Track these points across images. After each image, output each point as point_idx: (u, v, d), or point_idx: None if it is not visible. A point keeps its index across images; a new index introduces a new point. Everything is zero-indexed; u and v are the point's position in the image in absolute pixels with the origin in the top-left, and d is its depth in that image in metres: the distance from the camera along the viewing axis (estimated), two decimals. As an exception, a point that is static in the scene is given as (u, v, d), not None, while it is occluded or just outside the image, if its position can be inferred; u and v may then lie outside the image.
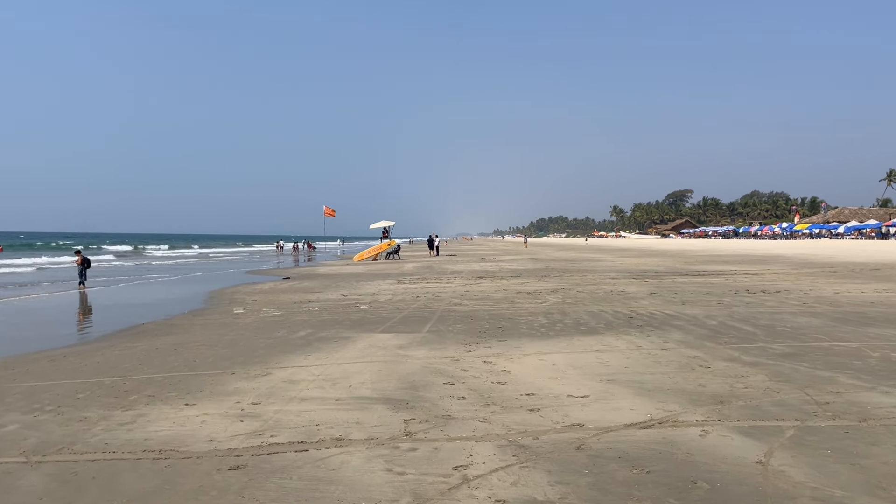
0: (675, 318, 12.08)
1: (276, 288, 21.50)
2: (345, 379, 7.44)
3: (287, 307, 15.38)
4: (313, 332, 11.31)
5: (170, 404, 6.51)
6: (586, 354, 8.65)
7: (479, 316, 12.96)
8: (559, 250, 63.23)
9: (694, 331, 10.57)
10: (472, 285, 20.57)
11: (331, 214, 48.02)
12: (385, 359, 8.61)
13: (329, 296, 18.07)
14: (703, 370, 7.58)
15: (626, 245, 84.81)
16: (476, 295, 17.29)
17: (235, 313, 14.53)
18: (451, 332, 10.91)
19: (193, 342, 10.47)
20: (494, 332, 10.70)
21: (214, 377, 7.72)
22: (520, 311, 13.67)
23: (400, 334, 10.76)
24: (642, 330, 10.74)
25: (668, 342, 9.52)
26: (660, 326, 11.10)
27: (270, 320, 13.05)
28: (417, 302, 15.81)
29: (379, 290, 19.64)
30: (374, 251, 43.79)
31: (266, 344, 10.11)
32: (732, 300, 15.11)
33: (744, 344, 9.27)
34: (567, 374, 7.51)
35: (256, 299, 17.60)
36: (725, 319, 11.86)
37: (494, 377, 7.37)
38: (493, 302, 15.51)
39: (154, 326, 12.72)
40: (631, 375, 7.36)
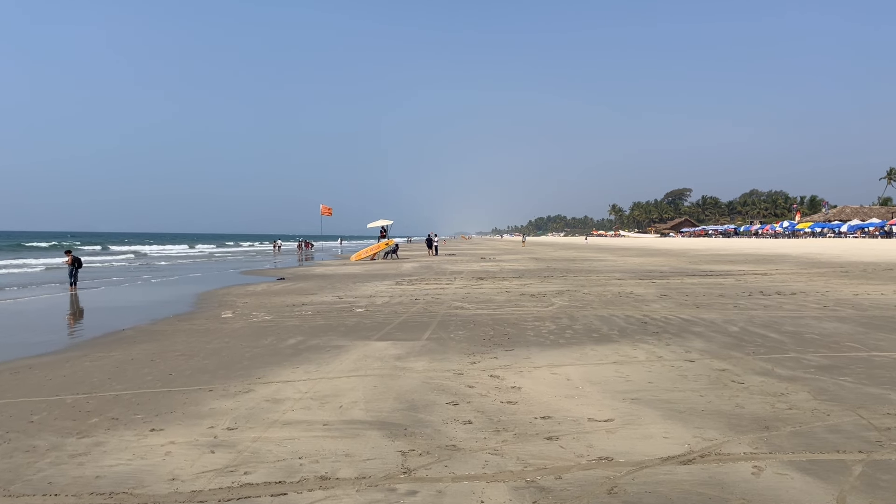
0: (692, 324, 11.27)
1: (269, 289, 20.67)
2: (335, 397, 6.62)
3: (278, 311, 14.55)
4: (304, 339, 10.48)
5: (133, 429, 5.69)
6: (603, 367, 7.84)
7: (482, 321, 12.14)
8: (559, 249, 62.43)
9: (715, 338, 9.76)
10: (472, 287, 19.76)
11: (328, 213, 47.16)
12: (381, 372, 7.79)
13: (324, 298, 17.25)
14: (736, 386, 6.77)
15: (627, 244, 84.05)
16: (478, 297, 16.47)
17: (223, 318, 13.70)
18: (452, 339, 10.09)
19: (173, 351, 9.64)
20: (500, 340, 9.88)
21: (189, 395, 6.90)
22: (525, 315, 12.86)
23: (398, 342, 9.94)
24: (660, 337, 9.93)
25: (690, 352, 8.71)
26: (678, 333, 10.29)
27: (259, 326, 12.22)
28: (416, 305, 15.00)
29: (376, 291, 18.82)
30: (371, 251, 42.96)
31: (251, 354, 9.28)
32: (748, 303, 14.30)
33: (774, 354, 8.47)
34: (585, 391, 6.70)
35: (247, 302, 16.77)
36: (746, 325, 11.06)
37: (503, 395, 6.56)
38: (496, 305, 14.69)
39: (134, 332, 11.88)
40: (657, 393, 6.55)
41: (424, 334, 10.67)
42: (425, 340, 10.06)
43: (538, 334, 10.44)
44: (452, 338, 10.25)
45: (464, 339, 10.05)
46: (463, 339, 10.06)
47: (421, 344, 9.75)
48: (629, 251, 53.12)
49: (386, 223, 44.85)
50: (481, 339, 10.10)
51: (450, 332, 10.90)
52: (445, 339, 10.09)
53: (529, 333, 10.55)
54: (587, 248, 63.74)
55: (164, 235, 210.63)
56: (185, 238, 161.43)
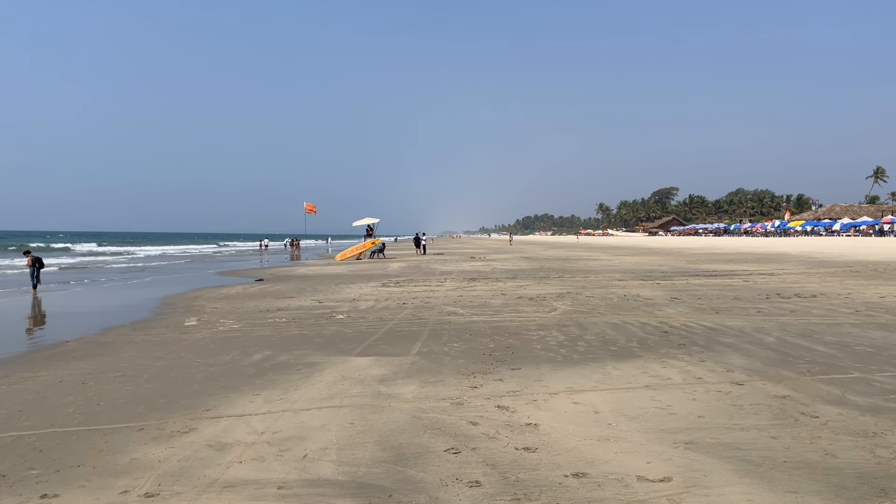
0: (719, 334, 9.86)
1: (243, 292, 19.06)
2: (299, 441, 5.10)
3: (249, 318, 12.98)
4: (272, 354, 8.94)
5: (17, 495, 4.15)
6: (635, 393, 6.37)
7: (479, 329, 10.66)
8: (550, 248, 61.11)
9: (754, 352, 8.34)
10: (465, 289, 18.27)
11: (311, 211, 45.49)
12: (361, 401, 6.27)
13: (302, 302, 15.68)
14: (811, 422, 5.34)
15: (617, 243, 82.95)
16: (471, 301, 14.99)
17: (185, 326, 12.11)
18: (447, 354, 8.59)
19: (113, 371, 8.07)
20: (503, 356, 8.39)
21: (112, 436, 5.35)
22: (527, 322, 11.39)
23: (382, 358, 8.43)
24: (689, 351, 8.50)
25: (732, 371, 7.27)
26: (708, 346, 8.86)
27: (224, 337, 10.66)
28: (404, 310, 13.48)
29: (360, 294, 17.28)
30: (357, 250, 41.35)
31: (206, 374, 7.73)
32: (771, 307, 12.93)
33: (834, 373, 7.05)
34: (621, 429, 5.23)
35: (217, 307, 15.17)
36: (782, 335, 9.66)
37: (518, 437, 5.07)
38: (492, 310, 13.21)
39: (78, 345, 10.28)
40: (716, 433, 5.09)
41: (414, 347, 9.16)
42: (415, 356, 8.55)
43: (546, 347, 8.96)
44: (447, 352, 8.75)
45: (460, 354, 8.56)
46: (459, 354, 8.56)
47: (410, 360, 8.24)
48: (622, 250, 51.87)
49: (372, 221, 43.25)
50: (481, 353, 8.61)
51: (443, 343, 9.41)
52: (439, 354, 8.58)
53: (536, 346, 9.07)
54: (579, 248, 62.46)
55: (152, 235, 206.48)
56: (175, 237, 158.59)
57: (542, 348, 8.88)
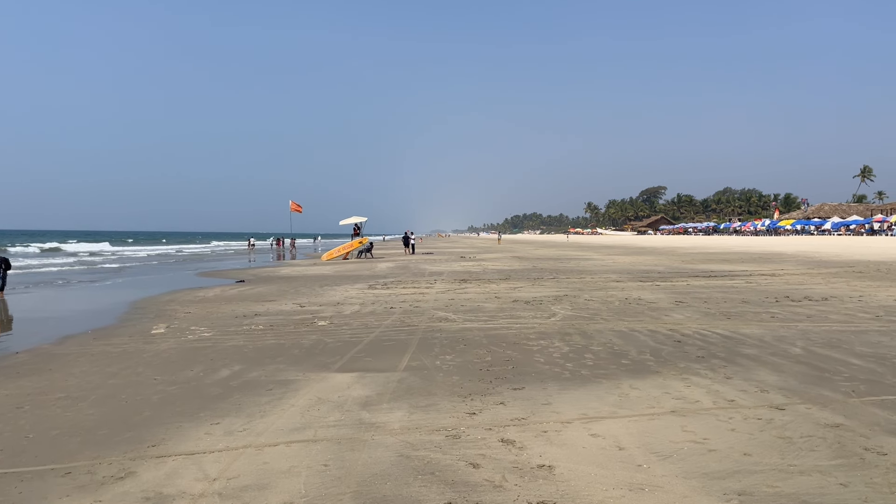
0: (738, 343, 8.97)
1: (221, 295, 18.00)
2: (260, 492, 4.12)
3: (223, 324, 11.96)
4: (242, 369, 7.94)
5: None
6: (661, 421, 5.44)
7: (473, 339, 9.71)
8: (540, 248, 60.28)
9: (784, 366, 7.45)
10: (456, 291, 17.31)
11: (297, 210, 44.35)
12: (339, 433, 5.29)
13: (282, 306, 14.66)
14: (880, 460, 4.43)
15: (608, 242, 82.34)
16: (464, 305, 14.03)
17: (152, 334, 11.07)
18: (439, 369, 7.63)
19: (58, 391, 7.04)
20: (503, 371, 7.44)
21: (29, 484, 4.35)
22: (525, 329, 10.45)
23: (366, 374, 7.45)
24: (710, 365, 7.59)
25: (767, 391, 6.36)
26: (730, 358, 7.95)
27: (192, 347, 9.64)
28: (391, 316, 12.50)
29: (345, 297, 16.28)
30: (344, 249, 40.28)
31: (163, 396, 6.72)
32: (784, 312, 12.08)
33: (885, 394, 6.16)
34: (654, 472, 4.29)
35: (190, 312, 14.12)
36: (808, 345, 8.78)
37: (529, 484, 4.12)
38: (487, 315, 12.26)
39: (28, 357, 9.21)
40: (770, 478, 4.16)
41: (402, 361, 8.19)
42: (403, 371, 7.58)
43: (550, 360, 8.02)
44: (439, 366, 7.79)
45: (454, 369, 7.60)
46: (453, 369, 7.60)
47: (397, 377, 7.27)
48: (614, 249, 51.13)
49: (359, 220, 42.17)
50: (477, 367, 7.65)
51: (435, 356, 8.45)
52: (430, 370, 7.62)
53: (538, 359, 8.13)
54: (569, 247, 61.67)
55: (142, 233, 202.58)
56: (168, 236, 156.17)
57: (546, 362, 7.94)
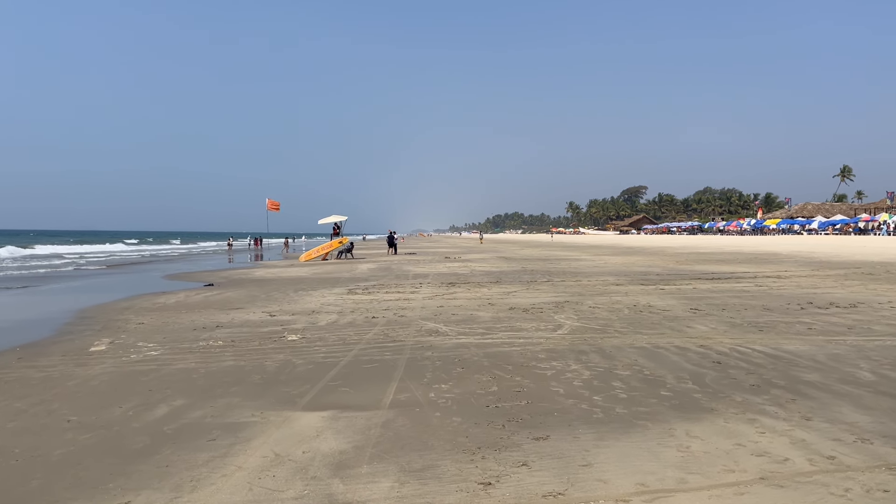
0: (789, 364, 7.48)
1: (184, 301, 16.23)
2: None
3: (177, 339, 10.25)
4: (185, 405, 6.27)
5: None
6: (752, 497, 3.88)
7: (472, 359, 8.12)
8: (525, 248, 58.88)
9: (866, 399, 5.96)
10: (445, 296, 15.71)
11: (275, 208, 42.47)
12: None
13: (250, 315, 12.96)
14: None
15: (592, 242, 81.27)
16: (455, 313, 12.44)
17: (90, 352, 9.33)
18: (435, 406, 6.01)
19: (-69, 442, 5.32)
20: (515, 409, 5.85)
21: None
22: (531, 346, 8.89)
23: (341, 415, 5.82)
24: (773, 398, 6.07)
25: (868, 439, 4.84)
26: (793, 387, 6.45)
27: (130, 372, 7.93)
28: (373, 328, 10.88)
29: (321, 304, 14.60)
30: (323, 250, 38.49)
31: (67, 450, 5.03)
32: (818, 322, 10.66)
33: None
34: None
35: (144, 323, 12.36)
36: (874, 366, 7.33)
37: None
38: (483, 327, 10.68)
39: (-78, 387, 7.45)
40: None
41: (387, 392, 6.57)
42: (389, 409, 5.96)
43: (572, 392, 6.44)
44: (434, 401, 6.18)
45: (454, 406, 5.99)
46: (453, 406, 5.99)
47: (382, 419, 5.65)
48: (602, 249, 49.85)
49: (339, 219, 40.41)
50: (483, 404, 6.05)
51: (427, 384, 6.84)
52: (423, 406, 6.00)
53: (557, 388, 6.55)
54: (555, 246, 60.37)
55: (124, 233, 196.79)
56: (152, 235, 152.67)
57: (567, 393, 6.37)
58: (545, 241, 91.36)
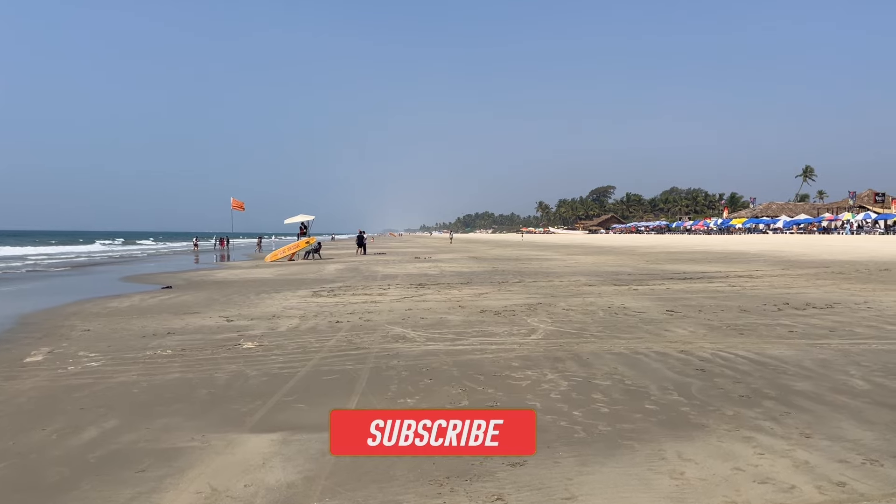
0: (776, 372, 7.07)
1: (138, 305, 15.35)
2: None
3: (123, 347, 9.47)
4: (116, 428, 5.58)
5: None
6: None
7: (441, 369, 7.55)
8: (496, 247, 58.54)
9: (866, 412, 5.54)
10: (413, 298, 15.11)
11: (239, 207, 41.38)
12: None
13: (205, 321, 12.20)
14: None
15: (562, 241, 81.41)
16: (423, 317, 11.85)
17: (23, 363, 8.52)
18: (399, 425, 5.42)
19: None
20: (489, 428, 5.28)
21: None
22: (504, 353, 8.34)
23: (293, 438, 5.19)
24: (766, 411, 5.61)
25: (878, 460, 4.39)
26: (785, 399, 6.01)
27: (63, 387, 7.18)
28: (337, 333, 10.23)
29: (283, 308, 13.88)
30: (289, 250, 37.56)
31: (-32, 487, 4.34)
32: (797, 324, 10.34)
33: None
34: None
35: (90, 329, 11.52)
36: (865, 373, 6.95)
37: None
38: (453, 332, 10.11)
39: None
40: None
41: (346, 409, 5.95)
42: (348, 430, 5.35)
43: (550, 406, 5.90)
44: (398, 419, 5.58)
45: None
46: (418, 425, 5.40)
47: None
48: (572, 249, 49.71)
49: (307, 218, 39.50)
50: (452, 421, 5.47)
51: (392, 400, 6.25)
52: (386, 426, 5.40)
53: (532, 402, 6.01)
54: (525, 246, 60.16)
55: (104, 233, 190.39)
56: (119, 235, 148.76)
57: (545, 408, 5.82)
58: (515, 240, 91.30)
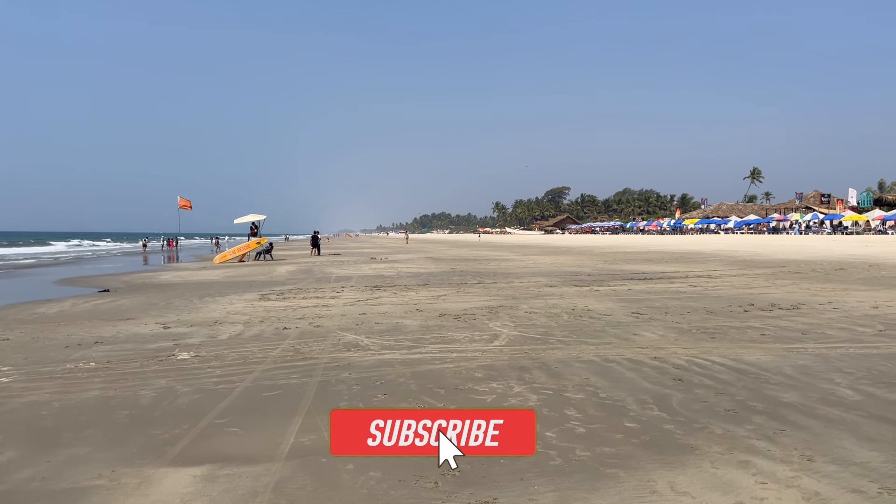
0: (758, 381, 6.58)
1: (69, 310, 14.18)
2: None
3: (41, 360, 8.46)
4: (13, 461, 4.69)
5: None
6: None
7: (397, 382, 6.83)
8: (453, 247, 57.98)
9: (863, 427, 5.04)
10: (368, 301, 14.34)
11: (186, 207, 39.81)
12: None
13: (140, 328, 11.20)
14: None
15: (519, 241, 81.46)
16: (378, 322, 11.10)
17: (-81, 381, 7.47)
18: (348, 456, 4.68)
19: None
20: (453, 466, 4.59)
21: None
22: (465, 362, 7.67)
23: (220, 473, 4.40)
24: (758, 428, 5.07)
25: (893, 488, 3.86)
26: (775, 413, 5.49)
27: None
28: (283, 341, 9.41)
29: (227, 313, 12.94)
30: (240, 250, 36.23)
31: None
32: (767, 326, 9.98)
33: None
34: None
35: (9, 339, 10.40)
36: (851, 381, 6.51)
37: None
38: (410, 338, 9.39)
39: None
40: None
41: (286, 436, 5.18)
42: (285, 461, 4.59)
43: (519, 426, 5.25)
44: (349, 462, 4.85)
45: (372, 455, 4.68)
46: (370, 455, 4.68)
47: (273, 479, 4.27)
48: (529, 249, 49.50)
49: (257, 218, 38.19)
50: (414, 460, 4.77)
51: (340, 420, 5.50)
52: (332, 456, 4.66)
53: (499, 422, 5.34)
54: (482, 246, 59.79)
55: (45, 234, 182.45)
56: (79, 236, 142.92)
57: (513, 428, 5.16)
58: (473, 240, 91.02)
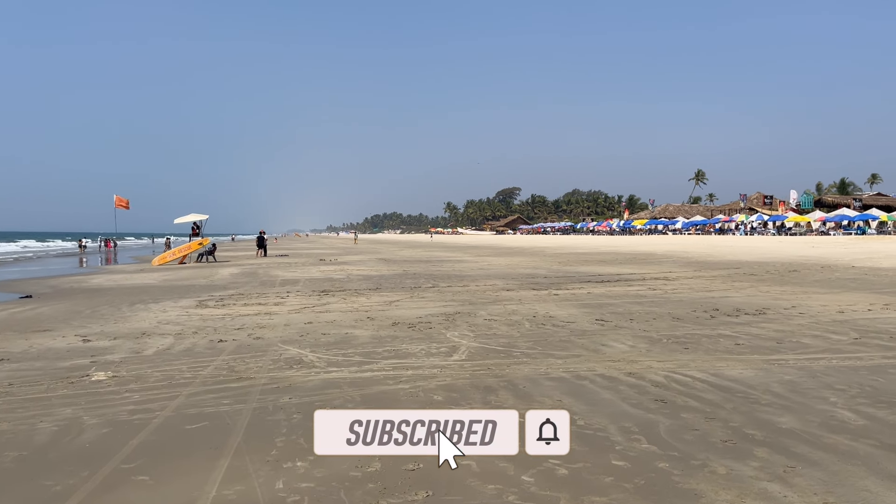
0: (748, 402, 5.95)
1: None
2: None
3: (-74, 384, 7.25)
4: None
5: None
6: None
7: (344, 408, 5.94)
8: (405, 248, 57.04)
9: (885, 463, 4.43)
10: (315, 308, 13.35)
11: (123, 206, 37.79)
12: None
13: (56, 341, 9.97)
14: None
15: (472, 242, 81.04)
16: (326, 333, 10.17)
17: None
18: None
19: None
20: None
21: None
22: (423, 381, 6.84)
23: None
24: (764, 465, 4.40)
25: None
26: (776, 443, 4.83)
27: None
28: (216, 358, 8.38)
29: (158, 323, 11.78)
30: (180, 252, 34.52)
31: None
32: (739, 334, 9.48)
33: None
34: None
35: None
36: (846, 400, 5.95)
37: None
38: (360, 352, 8.50)
39: None
40: None
41: (206, 486, 4.25)
42: (204, 525, 3.68)
43: (491, 468, 4.44)
44: (282, 500, 3.97)
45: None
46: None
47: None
48: (482, 250, 48.97)
49: (199, 218, 36.51)
50: (359, 501, 3.92)
51: (276, 463, 4.60)
52: (262, 515, 3.77)
53: (468, 463, 4.52)
54: (435, 247, 59.00)
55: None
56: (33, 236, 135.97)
57: (483, 470, 4.34)
58: (425, 241, 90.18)
